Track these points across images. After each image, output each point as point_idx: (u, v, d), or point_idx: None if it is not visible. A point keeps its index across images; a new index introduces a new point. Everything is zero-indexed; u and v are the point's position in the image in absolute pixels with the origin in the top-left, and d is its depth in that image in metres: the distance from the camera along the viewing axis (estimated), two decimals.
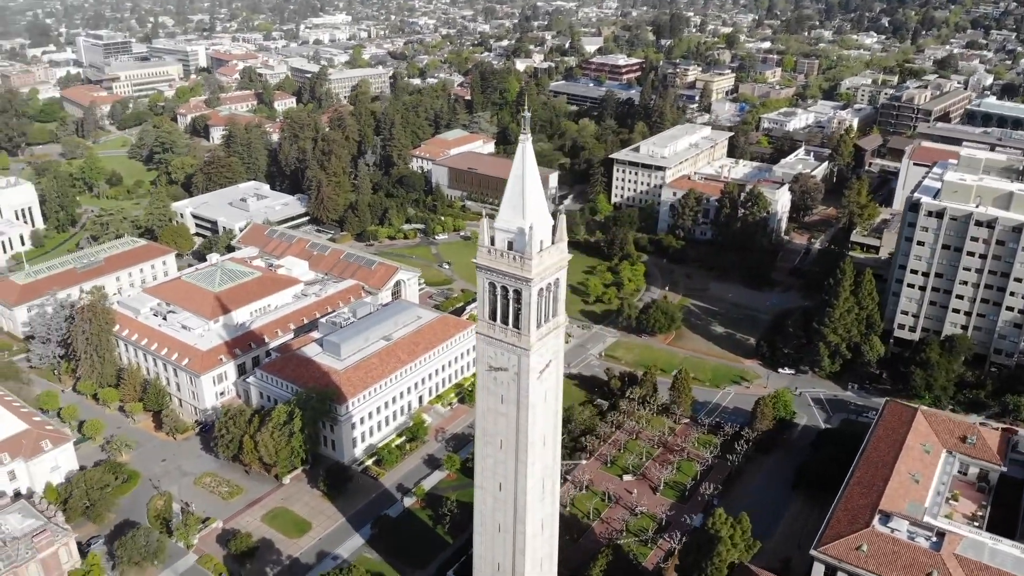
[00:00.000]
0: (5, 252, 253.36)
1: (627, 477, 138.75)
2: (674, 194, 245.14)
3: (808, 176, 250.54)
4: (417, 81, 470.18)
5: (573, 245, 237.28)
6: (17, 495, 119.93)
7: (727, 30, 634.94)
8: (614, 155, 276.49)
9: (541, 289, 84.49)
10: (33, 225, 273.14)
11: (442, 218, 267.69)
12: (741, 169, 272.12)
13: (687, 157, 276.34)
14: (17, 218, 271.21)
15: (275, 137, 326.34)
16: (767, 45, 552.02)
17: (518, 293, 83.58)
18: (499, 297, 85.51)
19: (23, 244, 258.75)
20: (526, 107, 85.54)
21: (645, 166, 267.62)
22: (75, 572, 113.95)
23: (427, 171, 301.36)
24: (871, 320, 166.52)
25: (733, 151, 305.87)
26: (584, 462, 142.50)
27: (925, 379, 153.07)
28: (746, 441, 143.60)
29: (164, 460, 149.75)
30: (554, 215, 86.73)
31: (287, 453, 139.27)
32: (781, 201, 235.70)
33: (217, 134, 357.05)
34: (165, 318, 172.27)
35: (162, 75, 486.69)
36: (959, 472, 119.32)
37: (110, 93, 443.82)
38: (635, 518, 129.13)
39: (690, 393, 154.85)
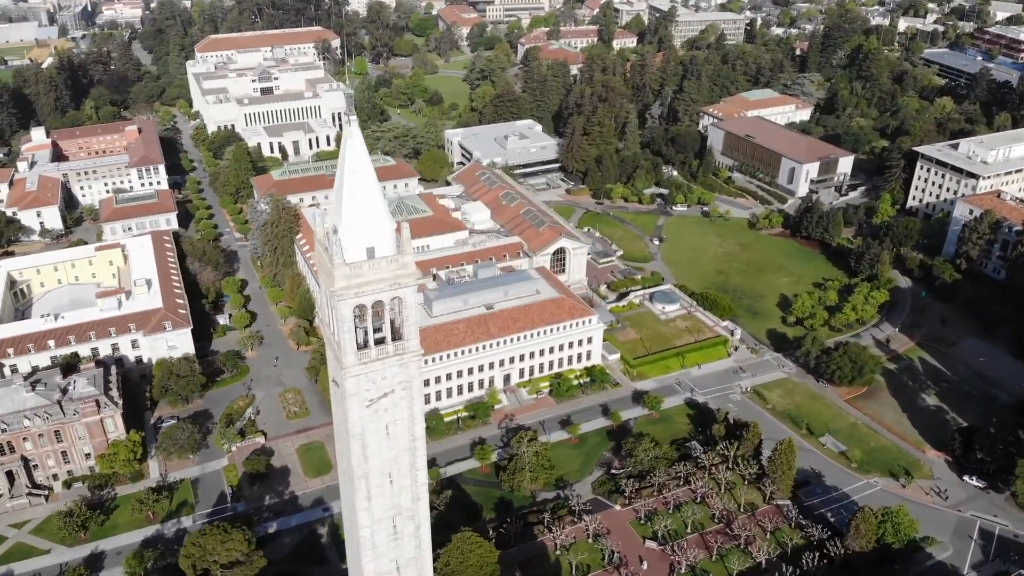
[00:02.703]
0: (311, 149, 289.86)
1: (650, 543, 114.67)
2: (970, 212, 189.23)
3: None
4: (779, 31, 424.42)
5: (823, 248, 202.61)
6: (98, 363, 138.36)
7: None
8: (920, 148, 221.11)
9: (362, 306, 70.01)
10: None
11: (691, 187, 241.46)
12: None
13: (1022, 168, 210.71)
14: (333, 121, 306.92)
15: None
16: None
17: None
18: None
19: (328, 144, 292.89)
20: (346, 82, 69.31)
21: (955, 169, 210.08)
22: (117, 442, 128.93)
23: (707, 132, 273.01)
24: None
25: None
26: (617, 508, 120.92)
27: None
28: (823, 556, 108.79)
29: (275, 366, 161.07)
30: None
31: None
32: None
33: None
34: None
35: (531, 2, 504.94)
36: None
37: (480, 15, 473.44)
38: None
39: (791, 470, 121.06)
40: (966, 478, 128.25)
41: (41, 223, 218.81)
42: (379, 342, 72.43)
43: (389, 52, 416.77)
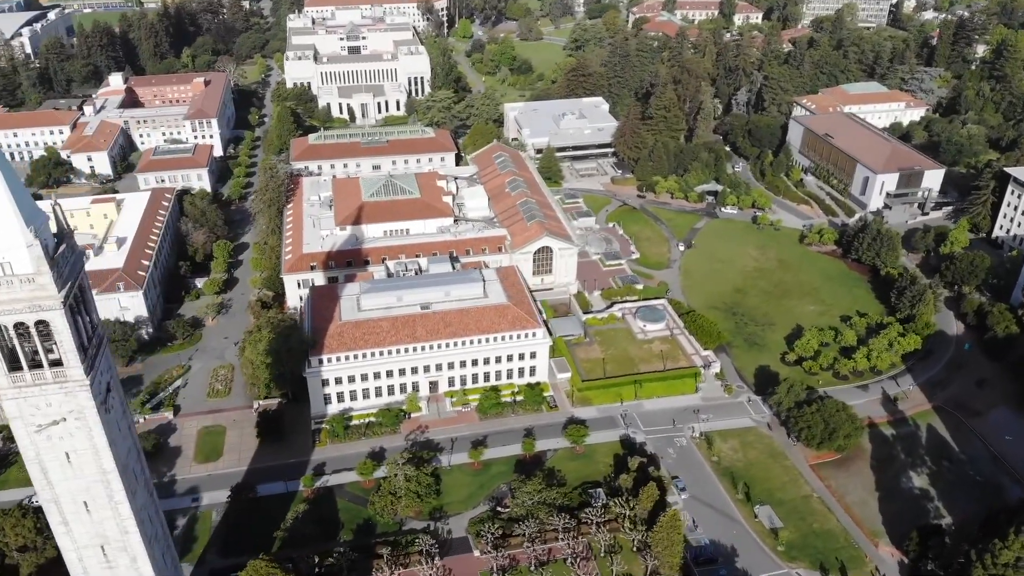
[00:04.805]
0: (379, 112, 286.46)
1: None
2: None
3: None
4: (930, 15, 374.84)
5: (873, 275, 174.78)
6: None
7: None
8: (1012, 169, 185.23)
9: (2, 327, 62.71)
10: (421, 94, 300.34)
11: (749, 187, 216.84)
12: None
13: None
14: (410, 84, 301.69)
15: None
16: None
17: None
18: None
19: (398, 109, 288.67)
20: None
21: None
22: None
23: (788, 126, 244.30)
24: None
25: None
26: (476, 554, 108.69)
27: None
28: None
29: (227, 338, 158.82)
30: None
31: (255, 379, 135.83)
32: None
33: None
34: (320, 208, 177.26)
35: None
36: None
37: None
38: None
39: (675, 546, 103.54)
40: None
41: (91, 167, 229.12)
42: (37, 366, 65.20)
43: (498, 15, 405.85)
